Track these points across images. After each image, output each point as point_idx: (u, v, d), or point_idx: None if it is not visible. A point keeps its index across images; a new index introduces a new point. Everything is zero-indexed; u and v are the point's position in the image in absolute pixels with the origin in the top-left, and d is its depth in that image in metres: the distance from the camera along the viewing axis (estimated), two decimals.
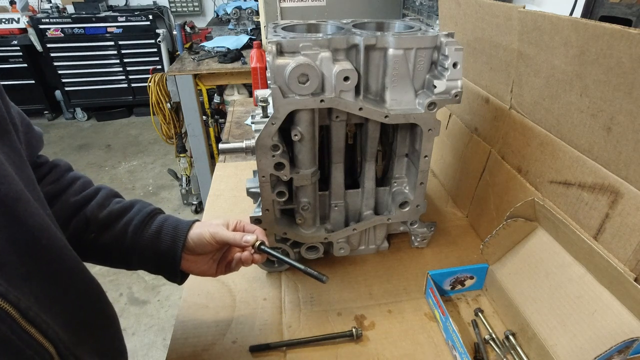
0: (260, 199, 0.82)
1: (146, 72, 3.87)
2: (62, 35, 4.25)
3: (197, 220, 0.74)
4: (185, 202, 3.30)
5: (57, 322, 0.50)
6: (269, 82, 0.71)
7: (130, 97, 4.74)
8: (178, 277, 0.71)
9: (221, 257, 0.76)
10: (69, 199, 0.68)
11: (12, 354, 0.44)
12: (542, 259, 0.74)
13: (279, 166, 0.77)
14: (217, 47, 2.79)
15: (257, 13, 3.16)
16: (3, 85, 0.57)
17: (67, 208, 0.67)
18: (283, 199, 0.82)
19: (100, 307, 0.61)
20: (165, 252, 0.69)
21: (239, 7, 3.23)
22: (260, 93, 0.85)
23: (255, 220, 0.84)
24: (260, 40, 2.41)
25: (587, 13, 1.25)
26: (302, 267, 0.67)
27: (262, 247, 0.70)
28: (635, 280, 0.59)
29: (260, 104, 0.76)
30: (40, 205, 0.52)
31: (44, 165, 0.70)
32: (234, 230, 0.73)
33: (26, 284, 0.47)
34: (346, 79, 0.70)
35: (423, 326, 0.80)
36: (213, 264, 0.74)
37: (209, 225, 0.71)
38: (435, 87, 0.75)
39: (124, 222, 0.69)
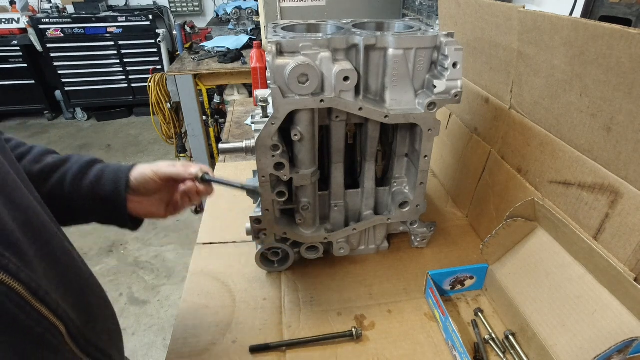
0: (260, 199, 0.82)
1: (146, 72, 3.87)
2: (62, 35, 4.25)
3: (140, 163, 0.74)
4: None
5: (66, 301, 0.51)
6: (269, 82, 0.71)
7: (130, 97, 4.74)
8: (127, 221, 0.70)
9: (169, 199, 0.76)
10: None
11: (21, 331, 0.44)
12: (542, 259, 0.74)
13: (279, 166, 0.77)
14: (217, 47, 2.79)
15: (257, 13, 3.16)
16: (3, 85, 0.57)
17: None
18: (283, 199, 0.82)
19: (95, 288, 0.61)
20: (108, 196, 0.68)
21: (239, 7, 3.23)
22: (260, 93, 0.85)
23: (255, 220, 0.84)
24: (260, 40, 2.41)
25: (587, 13, 1.25)
26: (238, 184, 0.71)
27: (206, 177, 0.71)
28: (635, 280, 0.59)
29: (260, 104, 0.76)
30: (27, 188, 0.51)
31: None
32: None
33: (35, 263, 0.47)
34: (346, 79, 0.70)
35: (423, 326, 0.80)
36: (161, 204, 0.74)
37: (153, 165, 0.71)
38: (435, 87, 0.74)
39: (60, 173, 0.67)
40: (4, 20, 4.24)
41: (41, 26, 4.18)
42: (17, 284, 0.43)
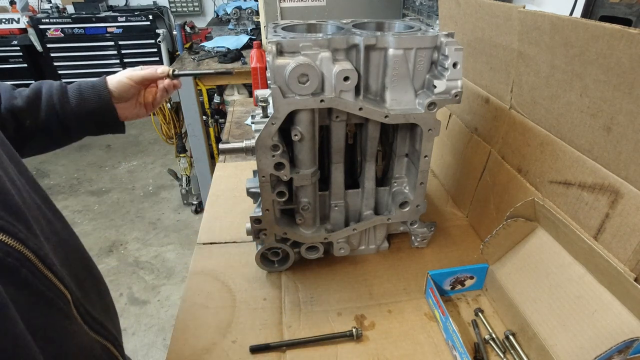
0: (260, 199, 0.82)
1: None
2: (62, 35, 4.25)
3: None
4: (185, 202, 3.31)
5: (67, 272, 0.52)
6: (269, 82, 0.71)
7: None
8: (120, 125, 0.83)
9: (143, 99, 0.89)
10: None
11: (34, 295, 0.46)
12: (542, 259, 0.74)
13: (279, 166, 0.77)
14: (217, 47, 2.79)
15: (257, 13, 3.15)
16: None
17: None
18: (283, 199, 0.82)
19: (90, 264, 0.63)
20: (98, 109, 0.79)
21: (239, 7, 3.23)
22: (260, 93, 0.85)
23: (255, 220, 0.84)
24: (260, 40, 2.41)
25: (587, 13, 1.25)
26: (212, 71, 0.82)
27: (176, 72, 0.87)
28: (635, 280, 0.59)
29: (260, 104, 0.76)
30: (13, 162, 0.52)
31: None
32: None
33: (39, 232, 0.49)
34: (346, 79, 0.70)
35: (423, 326, 0.80)
36: (141, 106, 0.88)
37: (122, 73, 0.84)
38: (435, 87, 0.75)
39: (45, 100, 0.76)
40: (4, 20, 4.24)
41: (41, 26, 4.18)
42: (28, 252, 0.45)
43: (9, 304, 0.39)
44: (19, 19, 4.26)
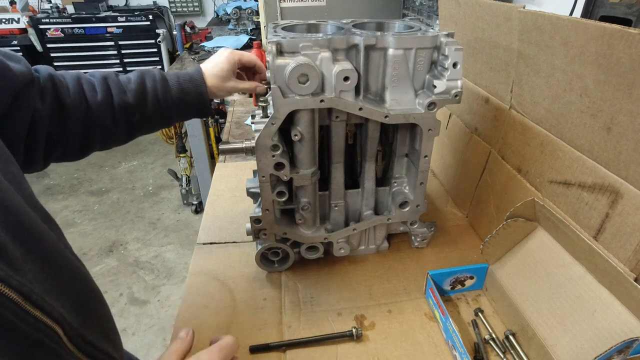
0: (260, 199, 0.82)
1: None
2: (62, 35, 4.25)
3: (199, 67, 0.88)
4: (185, 202, 3.30)
5: (60, 303, 0.49)
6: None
7: None
8: (210, 111, 0.88)
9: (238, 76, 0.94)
10: (97, 102, 0.77)
11: (20, 338, 0.43)
12: (542, 259, 0.74)
13: (279, 166, 0.77)
14: (217, 47, 2.79)
15: (257, 13, 3.15)
16: None
17: (104, 110, 0.77)
18: (283, 199, 0.82)
19: (89, 286, 0.61)
20: (196, 101, 0.85)
21: (239, 7, 3.23)
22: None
23: (255, 220, 0.84)
24: (260, 40, 2.41)
25: (587, 13, 1.25)
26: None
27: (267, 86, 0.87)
28: (635, 280, 0.59)
29: (260, 104, 0.76)
30: (15, 187, 0.50)
31: (37, 85, 0.72)
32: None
33: (25, 267, 0.46)
34: (346, 79, 0.70)
35: (423, 326, 0.80)
36: (234, 80, 0.91)
37: (223, 54, 0.88)
38: (435, 87, 0.75)
39: (151, 96, 0.81)
40: (4, 20, 4.24)
41: (41, 26, 4.18)
42: (10, 291, 0.42)
43: None
44: (19, 19, 4.26)
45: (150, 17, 4.34)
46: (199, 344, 0.77)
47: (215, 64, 0.87)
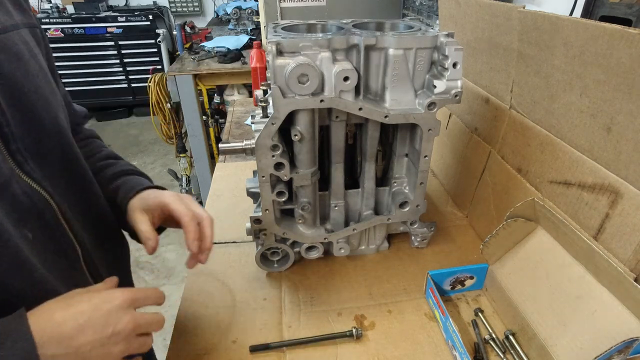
0: (260, 199, 0.82)
1: (146, 72, 3.86)
2: (62, 35, 4.25)
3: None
4: None
5: (80, 221, 0.58)
6: (269, 82, 0.71)
7: (130, 97, 4.73)
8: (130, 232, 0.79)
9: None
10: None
11: (51, 240, 0.52)
12: (542, 259, 0.74)
13: (279, 166, 0.77)
14: (217, 47, 2.79)
15: (257, 13, 3.15)
16: None
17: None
18: (283, 199, 0.82)
19: (107, 214, 0.68)
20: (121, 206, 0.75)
21: (239, 7, 3.23)
22: (260, 93, 0.85)
23: (255, 220, 0.84)
24: (260, 40, 2.41)
25: (587, 13, 1.25)
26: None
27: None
28: (635, 280, 0.59)
29: (260, 104, 0.76)
30: (52, 100, 0.59)
31: (81, 139, 0.81)
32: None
33: (55, 177, 0.56)
34: (346, 79, 0.70)
35: (423, 326, 0.80)
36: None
37: (157, 197, 0.73)
38: (435, 87, 0.74)
39: (116, 184, 0.77)
40: None
41: (41, 26, 4.18)
42: (54, 203, 0.52)
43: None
44: None
45: (150, 17, 4.34)
46: (199, 343, 0.77)
47: (154, 197, 0.73)
